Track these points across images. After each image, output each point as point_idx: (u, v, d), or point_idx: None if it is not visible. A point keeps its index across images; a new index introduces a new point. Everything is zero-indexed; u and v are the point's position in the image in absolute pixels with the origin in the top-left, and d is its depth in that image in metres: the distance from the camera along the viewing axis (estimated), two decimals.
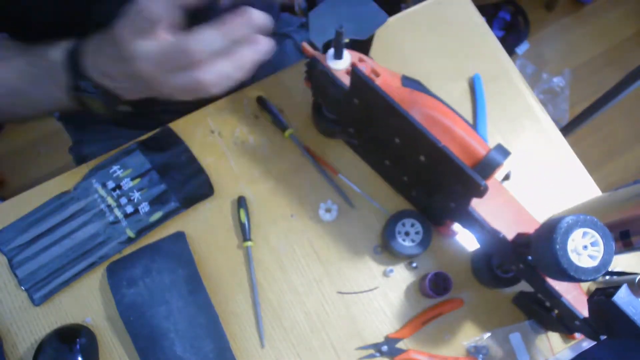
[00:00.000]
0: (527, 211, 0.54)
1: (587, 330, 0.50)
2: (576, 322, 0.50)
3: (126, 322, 0.57)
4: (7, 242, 0.60)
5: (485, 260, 0.59)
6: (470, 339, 0.60)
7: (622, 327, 0.44)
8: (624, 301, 0.43)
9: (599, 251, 0.41)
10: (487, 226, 0.51)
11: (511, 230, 0.51)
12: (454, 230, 0.62)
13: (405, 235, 0.60)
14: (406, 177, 0.59)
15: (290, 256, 0.62)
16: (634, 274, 0.57)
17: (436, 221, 0.61)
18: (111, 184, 0.62)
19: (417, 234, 0.60)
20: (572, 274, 0.40)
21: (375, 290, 0.62)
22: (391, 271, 0.62)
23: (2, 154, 1.56)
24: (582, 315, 0.49)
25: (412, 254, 0.59)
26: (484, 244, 0.56)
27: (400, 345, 0.59)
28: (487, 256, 0.59)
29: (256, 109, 0.67)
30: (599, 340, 0.49)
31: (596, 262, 0.41)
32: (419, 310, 0.61)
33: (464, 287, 0.61)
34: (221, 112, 0.67)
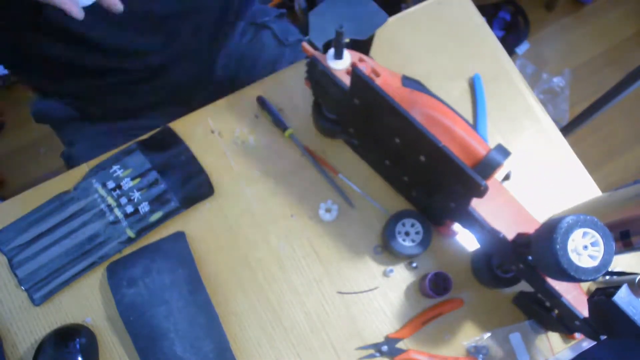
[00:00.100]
0: (527, 211, 0.54)
1: (587, 330, 0.50)
2: (576, 322, 0.50)
3: (126, 322, 0.57)
4: (7, 242, 0.60)
5: (485, 260, 0.59)
6: (470, 339, 0.60)
7: (622, 327, 0.44)
8: (624, 301, 0.43)
9: (599, 251, 0.41)
10: (487, 226, 0.51)
11: (511, 230, 0.51)
12: (454, 230, 0.62)
13: (405, 235, 0.60)
14: (406, 177, 0.59)
15: (290, 256, 0.62)
16: (634, 274, 0.57)
17: (436, 221, 0.61)
18: (111, 184, 0.62)
19: (417, 234, 0.60)
20: (572, 274, 0.40)
21: (375, 290, 0.62)
22: (391, 271, 0.62)
23: (2, 154, 1.56)
24: (582, 315, 0.49)
25: (412, 254, 0.59)
26: (484, 244, 0.56)
27: (400, 345, 0.59)
28: (487, 256, 0.59)
29: (256, 109, 0.67)
30: (599, 340, 0.49)
31: (596, 262, 0.41)
32: (419, 310, 0.61)
33: (464, 287, 0.61)
34: (221, 112, 0.67)
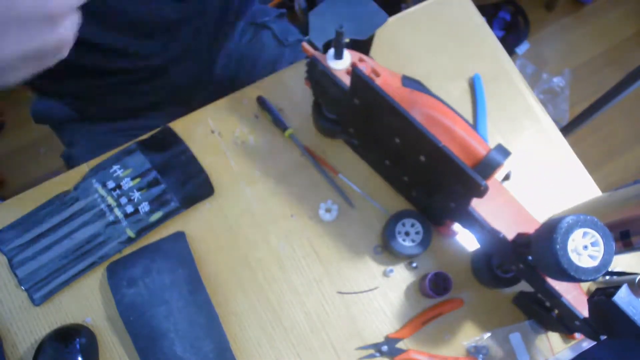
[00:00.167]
0: (527, 211, 0.54)
1: (587, 330, 0.50)
2: (576, 322, 0.50)
3: (126, 322, 0.57)
4: (7, 242, 0.60)
5: (485, 260, 0.59)
6: (470, 339, 0.60)
7: (622, 327, 0.44)
8: (624, 301, 0.43)
9: (599, 251, 0.41)
10: (487, 226, 0.51)
11: (511, 230, 0.51)
12: (454, 230, 0.62)
13: (405, 235, 0.60)
14: (406, 177, 0.59)
15: (290, 256, 0.62)
16: (634, 274, 0.57)
17: (436, 221, 0.61)
18: (111, 184, 0.62)
19: (417, 234, 0.60)
20: (573, 274, 0.40)
21: (375, 290, 0.62)
22: (391, 271, 0.62)
23: (2, 154, 1.56)
24: (582, 315, 0.49)
25: (412, 254, 0.59)
26: (484, 244, 0.56)
27: (400, 345, 0.59)
28: (487, 256, 0.59)
29: (256, 109, 0.67)
30: (599, 340, 0.49)
31: (596, 262, 0.41)
32: (419, 310, 0.61)
33: (464, 287, 0.61)
34: (221, 112, 0.67)
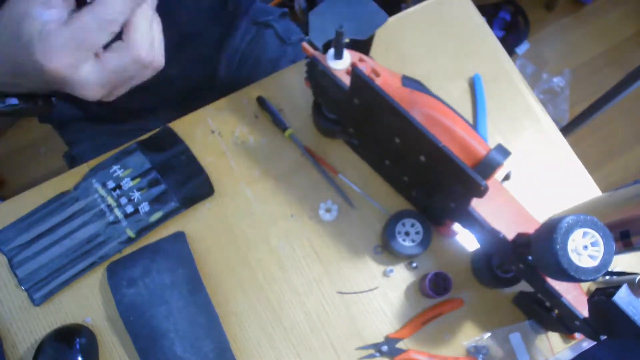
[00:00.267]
0: (527, 211, 0.54)
1: (587, 330, 0.50)
2: (576, 322, 0.50)
3: (126, 322, 0.57)
4: (7, 242, 0.60)
5: (485, 260, 0.59)
6: (470, 339, 0.60)
7: (622, 327, 0.44)
8: (624, 301, 0.43)
9: (599, 251, 0.41)
10: (487, 226, 0.51)
11: (511, 230, 0.51)
12: (454, 230, 0.62)
13: (405, 235, 0.60)
14: (406, 177, 0.59)
15: (290, 256, 0.62)
16: (634, 274, 0.57)
17: (436, 221, 0.61)
18: (111, 184, 0.62)
19: (417, 234, 0.60)
20: (573, 274, 0.40)
21: (375, 290, 0.62)
22: (391, 271, 0.62)
23: (2, 154, 1.56)
24: (582, 315, 0.49)
25: (412, 254, 0.59)
26: (484, 244, 0.56)
27: (400, 345, 0.59)
28: (487, 256, 0.59)
29: (256, 109, 0.67)
30: (599, 340, 0.49)
31: (596, 262, 0.41)
32: (419, 310, 0.61)
33: (464, 287, 0.61)
34: (221, 112, 0.67)
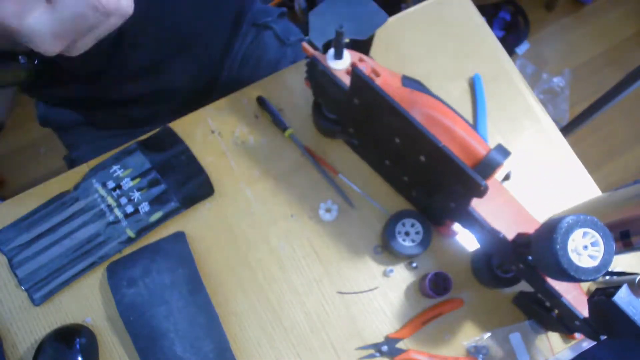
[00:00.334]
0: (527, 211, 0.54)
1: (587, 330, 0.50)
2: (576, 322, 0.50)
3: (126, 322, 0.57)
4: (7, 242, 0.60)
5: (485, 260, 0.59)
6: (470, 339, 0.60)
7: (622, 327, 0.44)
8: (624, 301, 0.43)
9: (599, 251, 0.41)
10: (487, 226, 0.51)
11: (511, 230, 0.51)
12: (454, 230, 0.62)
13: (405, 235, 0.60)
14: (406, 177, 0.59)
15: (290, 256, 0.62)
16: (634, 274, 0.57)
17: (436, 221, 0.61)
18: (111, 184, 0.62)
19: (417, 234, 0.60)
20: (573, 274, 0.40)
21: (375, 290, 0.62)
22: (391, 271, 0.62)
23: (2, 154, 1.56)
24: (582, 315, 0.49)
25: (412, 254, 0.59)
26: (484, 244, 0.56)
27: (400, 345, 0.59)
28: (487, 256, 0.59)
29: (256, 109, 0.67)
30: (599, 340, 0.49)
31: (596, 262, 0.41)
32: (419, 310, 0.61)
33: (464, 287, 0.61)
34: (221, 112, 0.67)
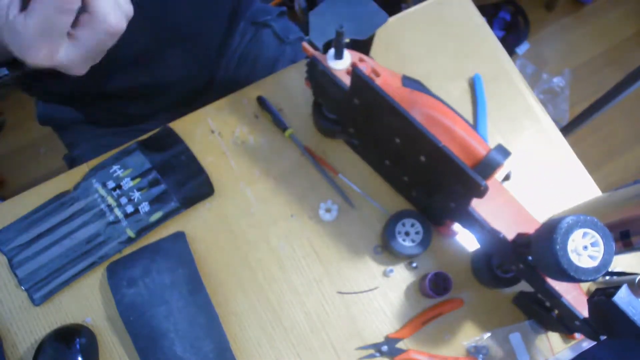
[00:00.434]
0: (527, 211, 0.54)
1: (587, 330, 0.50)
2: (576, 322, 0.50)
3: (126, 322, 0.57)
4: (7, 242, 0.60)
5: (485, 260, 0.59)
6: (470, 339, 0.60)
7: (622, 327, 0.44)
8: (624, 301, 0.43)
9: (599, 251, 0.41)
10: (487, 226, 0.51)
11: (511, 230, 0.51)
12: (454, 230, 0.62)
13: (405, 235, 0.60)
14: (406, 177, 0.59)
15: (290, 256, 0.62)
16: (634, 274, 0.57)
17: (436, 221, 0.61)
18: (111, 184, 0.62)
19: (417, 234, 0.60)
20: (572, 274, 0.40)
21: (375, 290, 0.62)
22: (391, 271, 0.62)
23: (2, 154, 1.56)
24: (582, 315, 0.49)
25: (412, 254, 0.59)
26: (484, 244, 0.56)
27: (400, 345, 0.59)
28: (487, 256, 0.59)
29: (256, 109, 0.67)
30: (599, 340, 0.49)
31: (596, 263, 0.41)
32: (419, 310, 0.61)
33: (464, 287, 0.61)
34: (221, 112, 0.67)
